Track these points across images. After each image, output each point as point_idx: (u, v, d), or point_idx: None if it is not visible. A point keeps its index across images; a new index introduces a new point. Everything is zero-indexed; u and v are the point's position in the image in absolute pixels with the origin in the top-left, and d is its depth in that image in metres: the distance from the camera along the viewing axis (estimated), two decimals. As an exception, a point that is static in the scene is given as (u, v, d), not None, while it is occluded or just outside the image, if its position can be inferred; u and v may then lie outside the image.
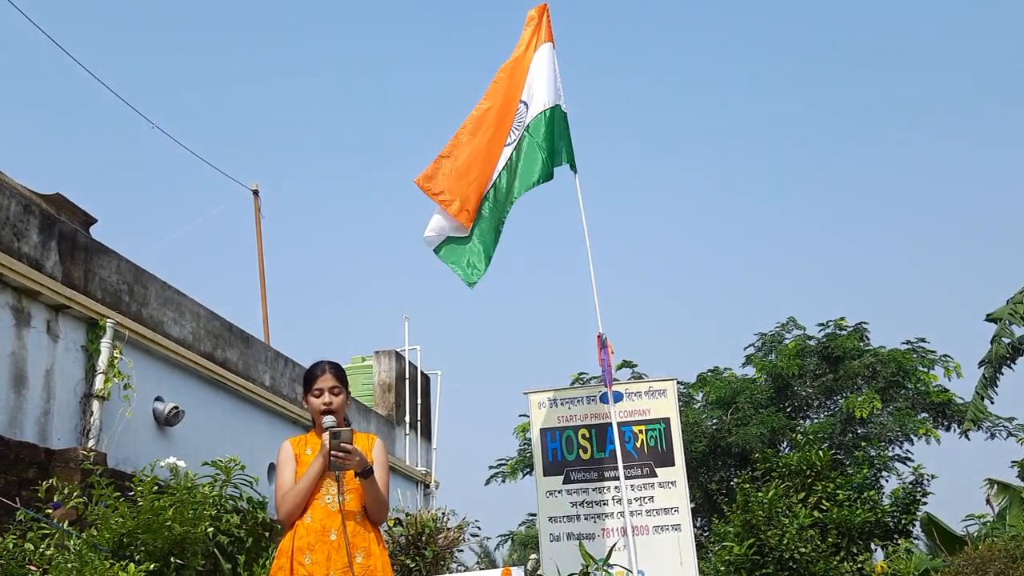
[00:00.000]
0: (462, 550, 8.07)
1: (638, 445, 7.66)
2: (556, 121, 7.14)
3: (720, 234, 53.70)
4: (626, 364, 17.99)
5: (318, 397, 3.83)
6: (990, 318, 14.63)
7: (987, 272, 47.05)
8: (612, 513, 7.49)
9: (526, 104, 7.19)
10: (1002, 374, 14.76)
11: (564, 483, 7.67)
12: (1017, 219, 48.32)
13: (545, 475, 7.72)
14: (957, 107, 51.01)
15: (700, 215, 53.65)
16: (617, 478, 7.20)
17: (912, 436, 16.83)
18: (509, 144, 7.06)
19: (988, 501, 11.47)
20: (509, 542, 28.39)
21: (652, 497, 7.52)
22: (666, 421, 7.71)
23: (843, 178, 51.93)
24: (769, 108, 53.04)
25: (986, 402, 15.04)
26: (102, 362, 7.65)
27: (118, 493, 5.73)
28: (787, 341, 18.66)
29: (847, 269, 49.36)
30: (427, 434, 15.76)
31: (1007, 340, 14.32)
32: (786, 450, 15.86)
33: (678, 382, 8.35)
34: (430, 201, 6.75)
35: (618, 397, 7.70)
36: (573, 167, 7.16)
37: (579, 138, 7.53)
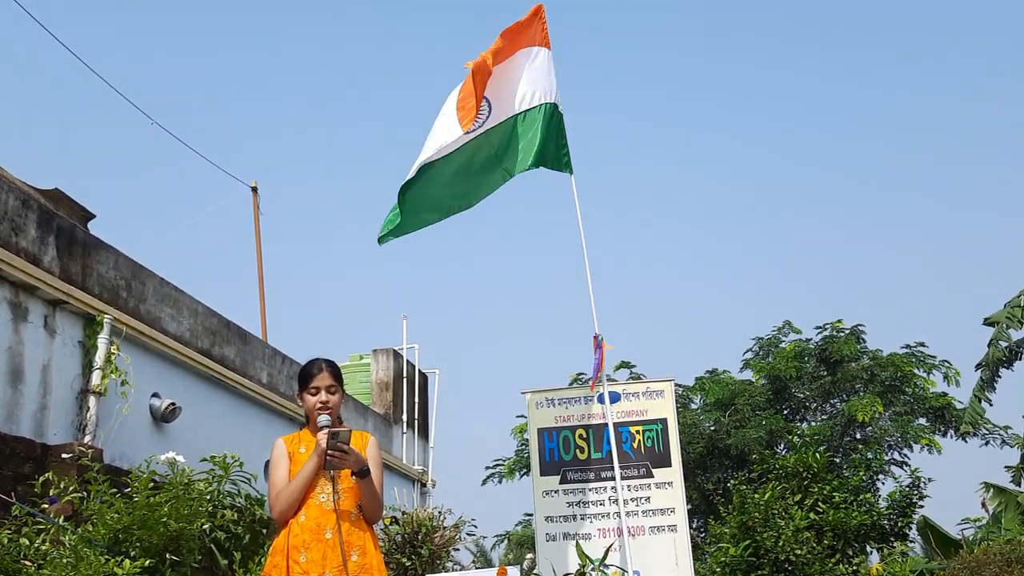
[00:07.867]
0: (458, 549, 8.06)
1: (635, 446, 7.64)
2: (556, 119, 7.14)
3: (721, 236, 53.77)
4: (624, 365, 17.99)
5: (314, 395, 3.81)
6: (988, 322, 14.65)
7: (987, 276, 47.12)
8: (608, 513, 7.48)
9: (490, 103, 6.98)
10: (999, 376, 14.80)
11: (561, 483, 7.65)
12: (1017, 222, 48.40)
13: (542, 475, 7.70)
14: (958, 109, 51.11)
15: (700, 216, 53.70)
16: (614, 478, 7.21)
17: (913, 444, 16.79)
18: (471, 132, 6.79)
19: (984, 505, 11.50)
20: (505, 542, 28.39)
21: (648, 498, 7.51)
22: (663, 422, 7.70)
23: (842, 179, 52.01)
24: (770, 110, 53.13)
25: (983, 404, 15.07)
26: (99, 358, 7.65)
27: (114, 489, 5.72)
28: (784, 345, 18.64)
29: (847, 271, 49.44)
30: (424, 433, 15.76)
31: (1004, 344, 14.35)
32: (783, 452, 15.84)
33: (676, 384, 8.34)
34: None
35: (616, 397, 7.69)
36: (569, 169, 7.19)
37: (577, 140, 7.51)
